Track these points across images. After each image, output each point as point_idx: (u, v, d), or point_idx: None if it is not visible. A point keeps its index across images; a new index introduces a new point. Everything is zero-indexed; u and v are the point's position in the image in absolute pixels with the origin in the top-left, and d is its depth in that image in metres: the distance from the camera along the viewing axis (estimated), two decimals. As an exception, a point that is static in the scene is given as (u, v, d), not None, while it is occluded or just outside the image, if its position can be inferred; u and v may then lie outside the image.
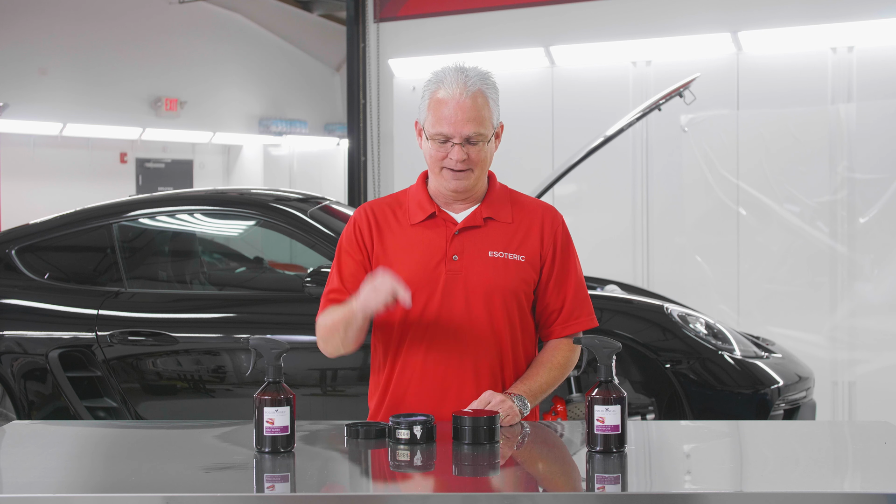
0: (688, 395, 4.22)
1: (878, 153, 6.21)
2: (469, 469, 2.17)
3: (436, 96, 2.45)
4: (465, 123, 2.42)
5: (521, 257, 2.53)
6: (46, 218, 4.88)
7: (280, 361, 2.26)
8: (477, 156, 2.46)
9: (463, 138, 2.43)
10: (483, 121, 2.44)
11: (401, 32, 7.92)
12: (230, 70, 14.52)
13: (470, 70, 2.47)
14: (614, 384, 2.24)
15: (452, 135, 2.43)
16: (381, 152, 8.05)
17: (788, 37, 6.49)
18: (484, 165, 2.50)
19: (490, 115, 2.46)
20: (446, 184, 2.50)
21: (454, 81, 2.43)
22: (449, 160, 2.46)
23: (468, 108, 2.42)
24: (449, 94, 2.43)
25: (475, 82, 2.44)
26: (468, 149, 2.44)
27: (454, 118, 2.42)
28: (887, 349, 6.14)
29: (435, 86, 2.47)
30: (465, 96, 2.42)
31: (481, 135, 2.44)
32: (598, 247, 6.78)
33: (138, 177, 13.73)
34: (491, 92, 2.47)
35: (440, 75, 2.47)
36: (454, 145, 2.44)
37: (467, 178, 2.48)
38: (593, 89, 7.06)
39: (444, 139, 2.45)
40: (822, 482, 2.09)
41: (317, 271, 4.31)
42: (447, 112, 2.42)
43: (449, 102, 2.43)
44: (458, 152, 2.44)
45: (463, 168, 2.46)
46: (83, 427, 2.98)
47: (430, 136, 2.47)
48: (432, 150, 2.47)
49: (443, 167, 2.48)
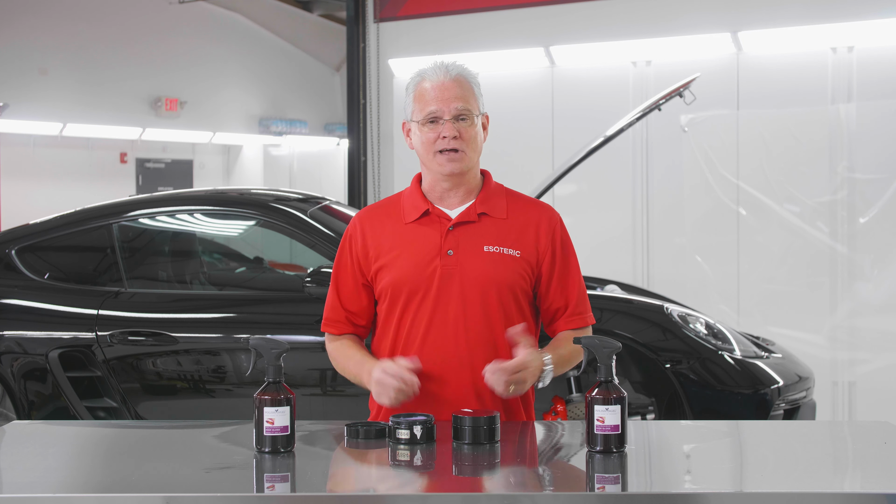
0: (688, 395, 4.22)
1: (878, 153, 6.21)
2: (469, 469, 2.17)
3: (420, 87, 2.55)
4: (452, 100, 2.51)
5: (516, 252, 2.54)
6: (46, 218, 4.88)
7: (280, 361, 2.26)
8: (467, 133, 2.51)
9: (452, 115, 2.50)
10: (468, 98, 2.53)
11: (401, 32, 7.92)
12: (230, 70, 14.52)
13: (448, 62, 2.58)
14: (614, 384, 2.24)
15: (441, 111, 2.51)
16: (381, 152, 8.05)
17: (788, 37, 6.49)
18: (475, 146, 2.54)
19: (474, 98, 2.55)
20: (441, 169, 2.53)
21: (435, 70, 2.55)
22: (441, 140, 2.51)
23: (454, 87, 2.52)
24: (433, 79, 2.54)
25: (455, 69, 2.56)
26: (458, 126, 2.51)
27: (441, 97, 2.51)
28: (887, 349, 6.14)
29: (418, 79, 2.57)
30: (448, 78, 2.53)
31: (468, 111, 2.52)
32: (598, 247, 6.78)
33: (138, 177, 13.73)
34: (472, 79, 2.57)
35: (421, 71, 2.58)
36: (445, 122, 2.50)
37: (461, 160, 2.52)
38: (593, 89, 7.06)
39: (434, 118, 2.51)
40: (822, 482, 2.10)
41: (317, 271, 4.31)
42: (434, 93, 2.52)
43: (434, 84, 2.53)
44: (449, 128, 2.50)
45: (456, 146, 2.50)
46: (83, 427, 2.98)
47: (420, 121, 2.53)
48: (424, 135, 2.53)
49: (436, 151, 2.52)
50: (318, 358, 4.30)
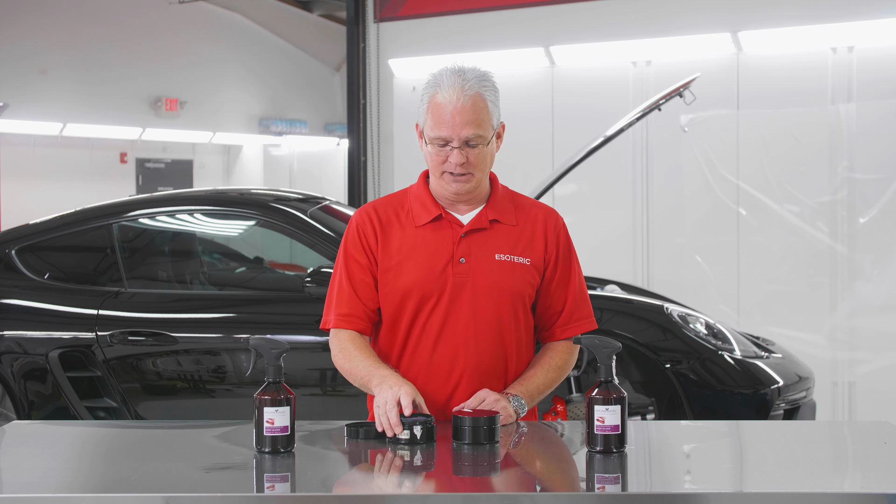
0: (688, 395, 4.22)
1: (878, 153, 6.21)
2: (469, 469, 2.17)
3: (434, 100, 2.45)
4: (464, 126, 2.42)
5: (526, 260, 2.53)
6: (46, 218, 4.88)
7: (280, 361, 2.26)
8: (476, 158, 2.45)
9: (461, 141, 2.43)
10: (482, 123, 2.43)
11: (401, 32, 7.92)
12: (230, 70, 14.52)
13: (468, 72, 2.45)
14: (614, 384, 2.24)
15: (451, 138, 2.43)
16: (381, 152, 8.05)
17: (788, 37, 6.49)
18: (484, 168, 2.50)
19: (489, 118, 2.45)
20: (447, 186, 2.49)
21: (452, 85, 2.42)
22: (448, 164, 2.45)
23: (466, 111, 2.41)
24: (447, 98, 2.42)
25: (473, 85, 2.43)
26: (467, 152, 2.44)
27: (452, 122, 2.41)
28: (887, 349, 6.14)
29: (433, 89, 2.46)
30: (462, 100, 2.41)
31: (480, 137, 2.44)
32: (598, 247, 6.78)
33: (138, 177, 13.73)
34: (489, 93, 2.46)
35: (438, 78, 2.46)
36: (453, 149, 2.43)
37: (468, 182, 2.48)
38: (593, 89, 7.06)
39: (443, 143, 2.44)
40: (822, 482, 2.10)
41: (317, 271, 4.31)
42: (445, 116, 2.42)
43: (447, 106, 2.42)
44: (457, 156, 2.43)
45: (463, 172, 2.45)
46: (83, 427, 2.98)
47: (429, 140, 2.47)
48: (432, 153, 2.47)
49: (443, 171, 2.47)
50: (318, 358, 4.30)
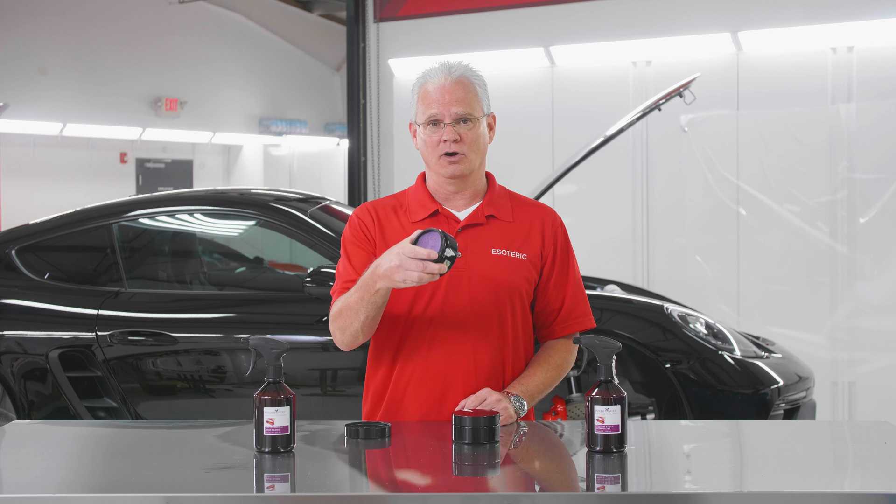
0: (688, 395, 4.22)
1: (878, 153, 6.21)
2: (469, 469, 2.17)
3: (423, 88, 2.54)
4: (453, 103, 2.49)
5: (523, 256, 2.54)
6: (46, 218, 4.88)
7: (280, 361, 2.26)
8: (468, 137, 2.50)
9: (453, 118, 2.49)
10: (471, 102, 2.51)
11: (401, 32, 7.92)
12: (230, 70, 14.52)
13: (454, 62, 2.56)
14: (614, 384, 2.24)
15: (442, 114, 2.49)
16: (381, 152, 8.05)
17: (788, 37, 6.49)
18: (477, 149, 2.53)
19: (477, 99, 2.53)
20: (443, 170, 2.52)
21: (439, 72, 2.53)
22: (442, 145, 2.50)
23: (456, 90, 2.50)
24: (435, 82, 2.52)
25: (459, 70, 2.54)
26: (459, 128, 2.49)
27: (441, 100, 2.50)
28: (887, 349, 6.14)
29: (422, 80, 2.56)
30: (450, 80, 2.51)
31: (469, 114, 2.50)
32: (598, 247, 6.78)
33: (138, 177, 13.73)
34: (476, 79, 2.55)
35: (426, 72, 2.56)
36: (445, 126, 2.49)
37: (462, 163, 2.51)
38: (593, 89, 7.06)
39: (434, 121, 2.50)
40: (822, 482, 2.10)
41: (317, 271, 4.31)
42: (435, 95, 2.51)
43: (435, 88, 2.51)
44: (450, 131, 2.48)
45: (456, 150, 2.49)
46: (83, 427, 2.98)
47: (422, 123, 2.52)
48: (426, 138, 2.52)
49: (438, 155, 2.51)
50: (318, 358, 4.30)
